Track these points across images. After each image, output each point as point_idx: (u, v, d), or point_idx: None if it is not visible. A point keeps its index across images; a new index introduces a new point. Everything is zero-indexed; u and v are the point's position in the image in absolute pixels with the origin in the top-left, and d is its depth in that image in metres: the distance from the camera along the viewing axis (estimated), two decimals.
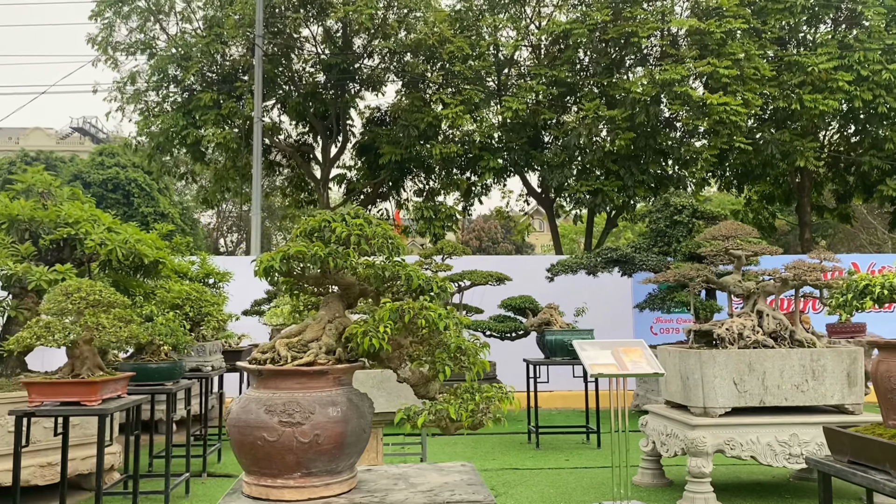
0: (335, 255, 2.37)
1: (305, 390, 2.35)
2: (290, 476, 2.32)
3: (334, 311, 2.57)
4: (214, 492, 7.19)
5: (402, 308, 2.33)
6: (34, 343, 4.90)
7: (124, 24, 18.13)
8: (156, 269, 7.99)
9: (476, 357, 2.44)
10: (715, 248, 7.02)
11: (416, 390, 2.52)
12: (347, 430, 2.36)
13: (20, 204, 6.92)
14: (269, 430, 2.28)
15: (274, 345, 2.46)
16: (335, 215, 2.52)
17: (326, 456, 2.33)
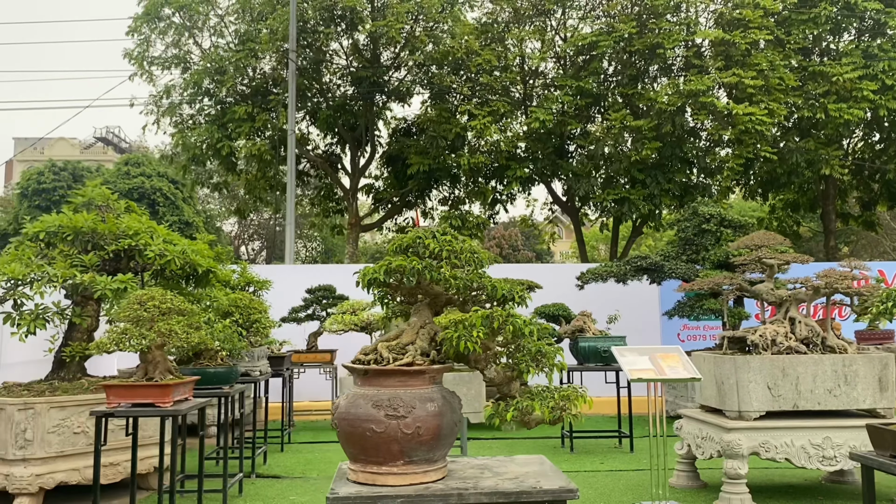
0: (430, 269, 2.67)
1: (406, 388, 2.65)
2: (394, 464, 2.62)
3: (424, 317, 2.87)
4: (266, 491, 7.51)
5: (491, 315, 2.62)
6: (112, 348, 5.23)
7: (160, 40, 18.67)
8: (206, 278, 8.37)
9: (553, 359, 2.72)
10: (748, 256, 7.26)
11: (499, 389, 2.81)
12: (443, 423, 2.66)
13: (83, 217, 7.30)
14: (376, 422, 2.58)
15: (376, 347, 2.77)
16: (426, 232, 2.82)
17: (426, 446, 2.62)
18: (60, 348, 7.65)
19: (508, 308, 2.69)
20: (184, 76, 18.82)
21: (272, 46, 17.01)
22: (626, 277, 11.39)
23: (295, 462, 9.06)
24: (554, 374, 2.82)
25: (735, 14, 15.70)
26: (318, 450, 9.91)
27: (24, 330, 6.94)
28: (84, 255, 7.27)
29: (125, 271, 7.68)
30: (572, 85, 16.02)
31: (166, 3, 18.09)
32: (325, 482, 7.90)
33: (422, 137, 18.72)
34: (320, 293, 12.16)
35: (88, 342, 7.69)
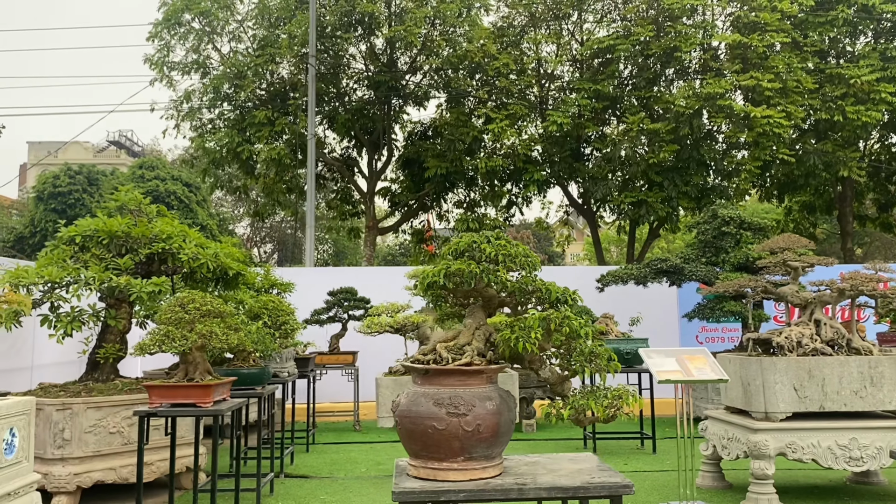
0: (488, 272, 2.78)
1: (465, 387, 2.76)
2: (455, 460, 2.72)
3: (479, 319, 2.97)
4: (296, 491, 7.63)
5: (548, 317, 2.72)
6: (156, 350, 5.36)
7: (180, 45, 18.87)
8: (236, 281, 8.51)
9: (606, 359, 2.82)
10: (773, 259, 7.32)
11: (553, 388, 2.91)
12: (501, 421, 2.76)
13: (118, 221, 7.45)
14: (438, 419, 2.68)
15: (435, 347, 2.87)
16: (481, 237, 2.93)
17: (485, 443, 2.73)
18: (94, 350, 7.79)
19: (564, 310, 2.79)
20: (203, 81, 19.02)
21: (291, 51, 17.17)
22: (646, 280, 11.46)
23: (321, 462, 9.17)
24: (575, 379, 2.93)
25: (752, 17, 15.73)
26: (342, 451, 10.02)
27: (60, 332, 7.09)
28: (119, 259, 7.41)
29: (157, 274, 7.83)
30: (589, 88, 16.10)
31: (186, 9, 18.29)
32: (353, 482, 8.01)
33: (437, 140, 18.83)
34: (342, 295, 12.30)
35: (122, 344, 7.85)
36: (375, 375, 9.50)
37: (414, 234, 21.62)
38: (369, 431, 11.71)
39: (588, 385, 2.99)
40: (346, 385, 12.38)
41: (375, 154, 19.72)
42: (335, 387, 12.75)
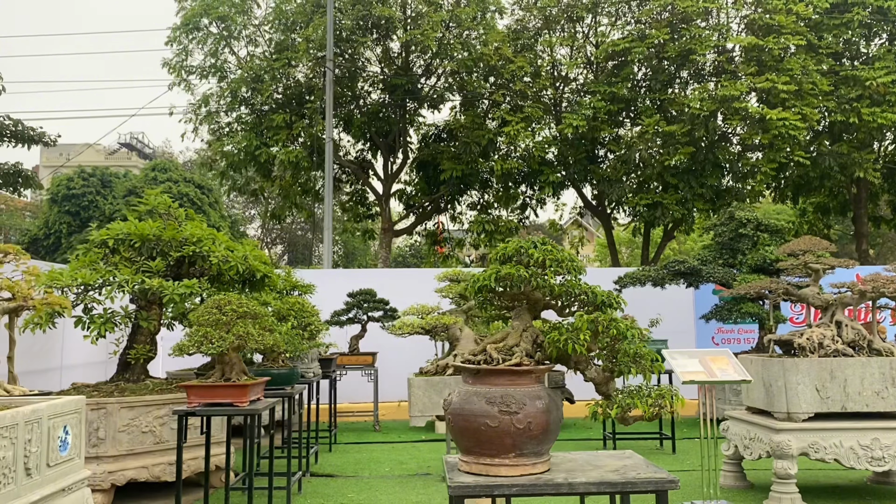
0: (536, 276, 2.90)
1: (516, 386, 2.88)
2: (507, 456, 2.84)
3: (525, 321, 3.10)
4: (323, 489, 7.76)
5: (596, 319, 2.84)
6: (194, 350, 5.50)
7: (199, 49, 19.08)
8: (262, 283, 8.65)
9: (650, 360, 2.94)
10: (794, 262, 7.41)
11: (598, 388, 3.03)
12: (550, 419, 2.88)
13: (150, 224, 7.60)
14: (490, 417, 2.81)
15: (485, 348, 3.00)
16: (528, 243, 3.05)
17: (535, 440, 2.85)
18: (125, 351, 7.95)
19: (610, 313, 2.90)
20: (220, 84, 19.22)
21: (309, 55, 17.34)
22: (664, 282, 11.55)
23: (345, 462, 9.31)
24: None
25: (767, 20, 15.79)
26: (364, 450, 10.16)
27: (94, 333, 7.25)
28: (151, 261, 7.56)
29: (185, 276, 7.98)
30: (605, 91, 16.19)
31: (205, 14, 18.49)
32: (378, 481, 8.14)
33: (452, 143, 18.96)
34: (361, 297, 12.44)
35: (151, 345, 8.01)
36: (407, 376, 9.61)
37: (427, 235, 21.75)
38: (389, 432, 11.85)
39: (630, 385, 3.10)
40: (363, 386, 12.52)
41: (391, 157, 19.87)
42: (353, 387, 12.89)
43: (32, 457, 3.81)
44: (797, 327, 13.91)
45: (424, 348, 12.52)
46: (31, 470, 3.81)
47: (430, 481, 8.09)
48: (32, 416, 3.84)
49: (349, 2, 17.31)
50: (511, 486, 2.77)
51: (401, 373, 12.71)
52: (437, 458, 9.46)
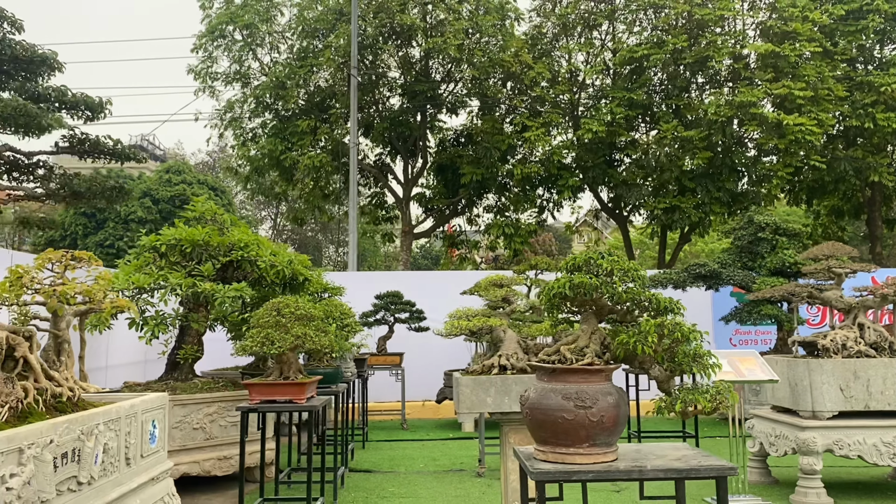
0: (606, 285, 3.23)
1: (588, 383, 3.20)
2: (581, 446, 3.17)
3: (593, 325, 3.42)
4: (364, 484, 8.10)
5: (663, 323, 3.17)
6: (258, 350, 5.84)
7: (225, 56, 19.48)
8: (302, 286, 9.00)
9: (709, 360, 3.26)
10: (818, 266, 7.70)
11: (660, 386, 3.36)
12: (619, 413, 3.21)
13: (200, 230, 7.96)
14: (567, 411, 3.13)
15: (559, 349, 3.32)
16: (596, 254, 3.37)
17: (606, 432, 3.18)
18: (174, 351, 8.31)
19: (675, 317, 3.23)
20: (244, 90, 19.62)
21: (333, 62, 17.71)
22: (685, 284, 11.84)
23: (379, 458, 9.65)
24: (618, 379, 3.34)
25: (783, 27, 16.06)
26: (396, 448, 10.50)
27: (148, 334, 7.61)
28: (202, 266, 7.91)
29: (230, 279, 8.34)
30: (623, 96, 16.50)
31: (231, 21, 18.88)
32: (415, 477, 8.47)
33: (469, 147, 19.30)
34: (389, 299, 12.80)
35: (199, 345, 8.36)
36: (437, 374, 9.94)
37: (445, 238, 22.10)
38: (416, 430, 12.19)
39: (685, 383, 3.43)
40: (389, 385, 12.86)
41: (410, 160, 20.22)
42: (379, 387, 13.23)
43: (131, 448, 4.16)
44: (813, 329, 14.20)
45: (448, 349, 12.87)
46: (130, 460, 4.16)
47: (464, 477, 8.42)
48: (131, 410, 4.20)
49: (372, 10, 17.68)
50: (587, 472, 3.10)
51: (424, 373, 13.09)
52: (468, 456, 9.80)
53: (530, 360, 5.88)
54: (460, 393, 5.84)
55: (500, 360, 5.89)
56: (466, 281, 13.66)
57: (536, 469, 3.11)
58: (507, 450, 5.94)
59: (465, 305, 12.96)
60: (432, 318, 12.82)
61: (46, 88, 3.11)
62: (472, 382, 5.78)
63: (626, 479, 3.11)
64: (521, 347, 6.04)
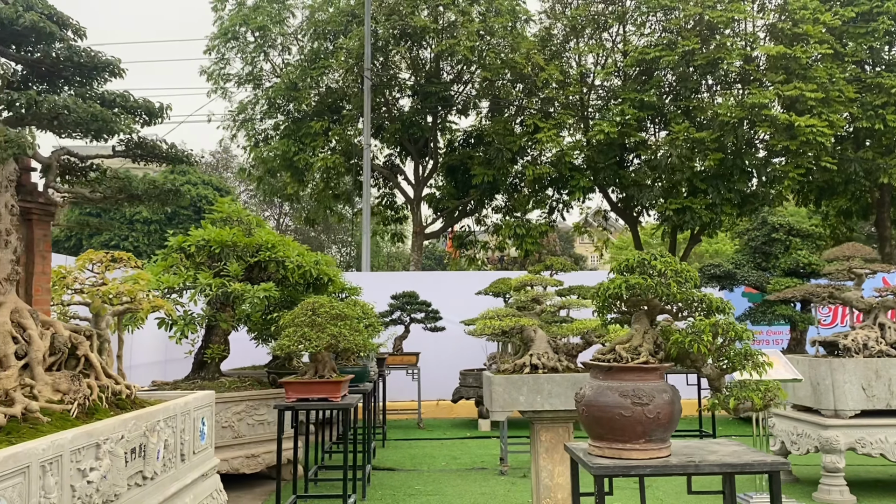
0: (661, 286, 3.33)
1: (643, 381, 3.30)
2: (637, 442, 3.27)
3: (645, 325, 3.52)
4: (389, 482, 8.20)
5: (717, 323, 3.27)
6: (295, 348, 5.94)
7: (238, 58, 19.61)
8: (326, 286, 9.11)
9: (759, 359, 3.36)
10: (839, 266, 7.80)
11: (711, 384, 3.46)
12: (674, 410, 3.31)
13: (228, 231, 8.06)
14: (624, 408, 3.23)
15: (614, 348, 3.42)
16: (649, 256, 3.47)
17: (662, 428, 3.27)
18: (201, 350, 8.42)
19: (728, 317, 3.33)
20: (255, 91, 19.74)
21: (346, 64, 17.81)
22: (699, 285, 11.91)
23: (400, 456, 9.75)
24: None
25: (795, 29, 16.14)
26: (415, 446, 10.60)
27: (178, 333, 7.71)
28: (230, 266, 8.01)
29: (256, 280, 8.45)
30: (635, 98, 16.60)
31: (244, 24, 18.99)
32: (438, 475, 8.57)
33: (480, 148, 19.40)
34: (404, 299, 12.91)
35: (225, 345, 8.47)
36: (488, 374, 9.98)
37: (454, 239, 22.19)
38: (433, 429, 12.30)
39: (733, 380, 3.53)
40: (405, 385, 12.95)
41: (421, 161, 20.33)
42: (395, 386, 13.32)
43: (185, 444, 4.26)
44: (825, 329, 14.30)
45: (461, 349, 13.01)
46: (185, 456, 4.26)
47: (487, 475, 8.52)
48: (185, 408, 4.30)
49: (383, 13, 17.79)
50: (645, 468, 3.20)
51: (438, 373, 13.17)
52: (488, 454, 9.89)
53: (561, 362, 6.00)
54: (493, 392, 5.93)
55: (531, 359, 5.99)
56: (480, 281, 13.77)
57: (595, 464, 3.21)
58: (538, 447, 6.04)
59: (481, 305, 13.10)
60: (447, 319, 12.94)
61: (112, 94, 3.18)
62: (504, 381, 5.87)
63: (682, 474, 3.22)
64: (551, 347, 6.13)
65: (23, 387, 3.43)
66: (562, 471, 5.91)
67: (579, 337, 6.73)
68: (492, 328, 5.94)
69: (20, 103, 3.07)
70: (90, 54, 3.57)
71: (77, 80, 4.01)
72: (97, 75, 3.90)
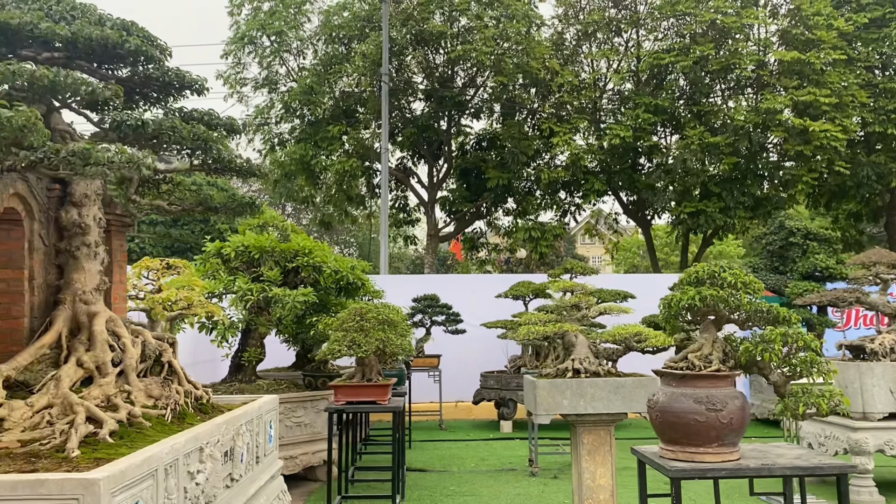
0: (732, 297, 3.49)
1: (715, 388, 3.46)
2: (710, 446, 3.43)
3: (713, 334, 3.69)
4: (423, 482, 8.36)
5: (786, 333, 3.43)
6: (345, 353, 6.10)
7: (255, 62, 19.80)
8: (357, 290, 9.27)
9: (824, 366, 3.53)
10: (866, 272, 7.97)
11: (777, 390, 3.62)
12: (745, 415, 3.47)
13: (265, 237, 8.23)
14: (699, 414, 3.40)
15: (685, 356, 3.59)
16: (718, 268, 3.64)
17: (734, 433, 3.44)
18: (238, 354, 8.57)
19: (796, 327, 3.50)
20: (271, 95, 19.92)
21: (362, 68, 17.99)
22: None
23: (429, 458, 9.90)
24: None
25: (809, 35, 16.34)
26: (441, 447, 10.76)
27: (219, 337, 7.87)
28: (262, 270, 8.18)
29: (291, 284, 8.61)
30: (649, 102, 16.77)
31: (263, 30, 19.16)
32: (469, 476, 8.73)
33: (492, 152, 19.58)
34: (426, 302, 13.08)
35: (261, 348, 8.63)
36: (531, 378, 10.15)
37: (466, 241, 22.36)
38: (455, 430, 12.46)
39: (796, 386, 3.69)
40: (425, 387, 13.10)
41: (435, 165, 20.50)
42: (415, 388, 13.47)
43: (259, 447, 4.43)
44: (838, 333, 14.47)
45: (480, 351, 13.19)
46: (259, 458, 4.43)
47: (518, 476, 8.68)
48: (259, 412, 4.46)
49: (399, 19, 17.96)
50: (720, 470, 3.36)
51: (457, 374, 13.32)
52: (514, 455, 10.05)
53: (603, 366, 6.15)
54: (538, 396, 6.08)
55: (573, 363, 6.14)
56: (496, 284, 13.94)
57: (672, 467, 3.37)
58: (580, 450, 6.19)
59: (498, 307, 13.25)
60: (466, 322, 13.10)
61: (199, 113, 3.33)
62: (548, 385, 6.02)
63: (756, 476, 3.38)
64: (592, 352, 6.29)
65: (121, 393, 3.60)
66: (603, 472, 6.06)
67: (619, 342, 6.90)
68: (535, 333, 6.11)
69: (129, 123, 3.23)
70: (180, 74, 3.73)
71: (153, 97, 4.17)
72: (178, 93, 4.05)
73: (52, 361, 3.71)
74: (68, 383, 3.43)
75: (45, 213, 3.87)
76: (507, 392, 12.11)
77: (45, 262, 3.90)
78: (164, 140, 3.41)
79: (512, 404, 12.24)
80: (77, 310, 3.78)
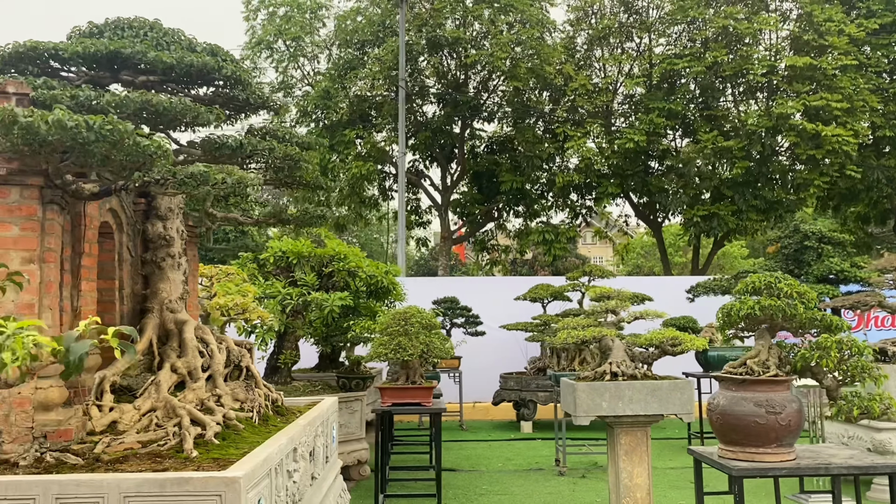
0: (789, 307, 3.71)
1: (773, 392, 3.68)
2: (769, 447, 3.65)
3: (768, 340, 3.90)
4: (455, 482, 8.57)
5: (841, 340, 3.65)
6: (392, 356, 6.32)
7: (271, 67, 20.04)
8: (387, 294, 9.48)
9: (875, 372, 3.75)
10: (888, 277, 8.19)
11: (829, 393, 3.84)
12: (801, 418, 3.69)
13: (302, 243, 8.45)
14: (759, 416, 3.61)
15: (745, 362, 3.81)
16: (774, 279, 3.86)
17: (791, 435, 3.66)
18: (274, 356, 8.79)
19: (849, 334, 3.72)
20: (287, 100, 20.14)
21: (379, 73, 18.22)
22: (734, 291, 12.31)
23: (456, 458, 10.11)
24: None
25: (820, 41, 16.57)
26: (465, 448, 10.97)
27: (260, 340, 8.08)
28: (296, 275, 8.40)
29: (325, 288, 8.83)
30: (662, 107, 17.00)
31: (280, 34, 19.39)
32: (499, 475, 8.95)
33: (505, 155, 19.80)
34: (446, 304, 13.31)
35: (297, 350, 8.84)
36: (569, 381, 10.38)
37: (476, 243, 22.59)
38: (476, 431, 12.66)
39: (847, 390, 3.91)
40: (444, 387, 13.31)
41: (448, 168, 20.72)
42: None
43: (327, 447, 4.65)
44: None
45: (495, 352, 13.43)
46: (328, 458, 4.66)
47: (547, 476, 8.90)
48: (327, 413, 4.69)
49: (414, 24, 18.19)
50: (780, 469, 3.58)
51: (475, 376, 13.53)
52: (539, 455, 10.27)
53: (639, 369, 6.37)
54: (577, 398, 6.30)
55: (611, 367, 6.35)
56: (512, 286, 14.14)
57: (735, 467, 3.59)
58: (617, 450, 6.40)
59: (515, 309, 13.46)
60: (484, 324, 13.33)
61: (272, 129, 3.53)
62: (588, 388, 6.23)
63: (814, 475, 3.60)
64: (628, 355, 6.51)
65: (213, 397, 3.82)
66: (640, 471, 6.27)
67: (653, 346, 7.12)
68: (574, 337, 6.32)
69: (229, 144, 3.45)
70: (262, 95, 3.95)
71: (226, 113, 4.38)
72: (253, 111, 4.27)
73: (146, 367, 3.93)
74: (166, 388, 3.65)
75: (132, 226, 4.08)
76: (527, 393, 12.32)
77: (132, 272, 4.11)
78: (256, 159, 3.63)
79: (532, 405, 12.45)
80: (165, 318, 3.99)
